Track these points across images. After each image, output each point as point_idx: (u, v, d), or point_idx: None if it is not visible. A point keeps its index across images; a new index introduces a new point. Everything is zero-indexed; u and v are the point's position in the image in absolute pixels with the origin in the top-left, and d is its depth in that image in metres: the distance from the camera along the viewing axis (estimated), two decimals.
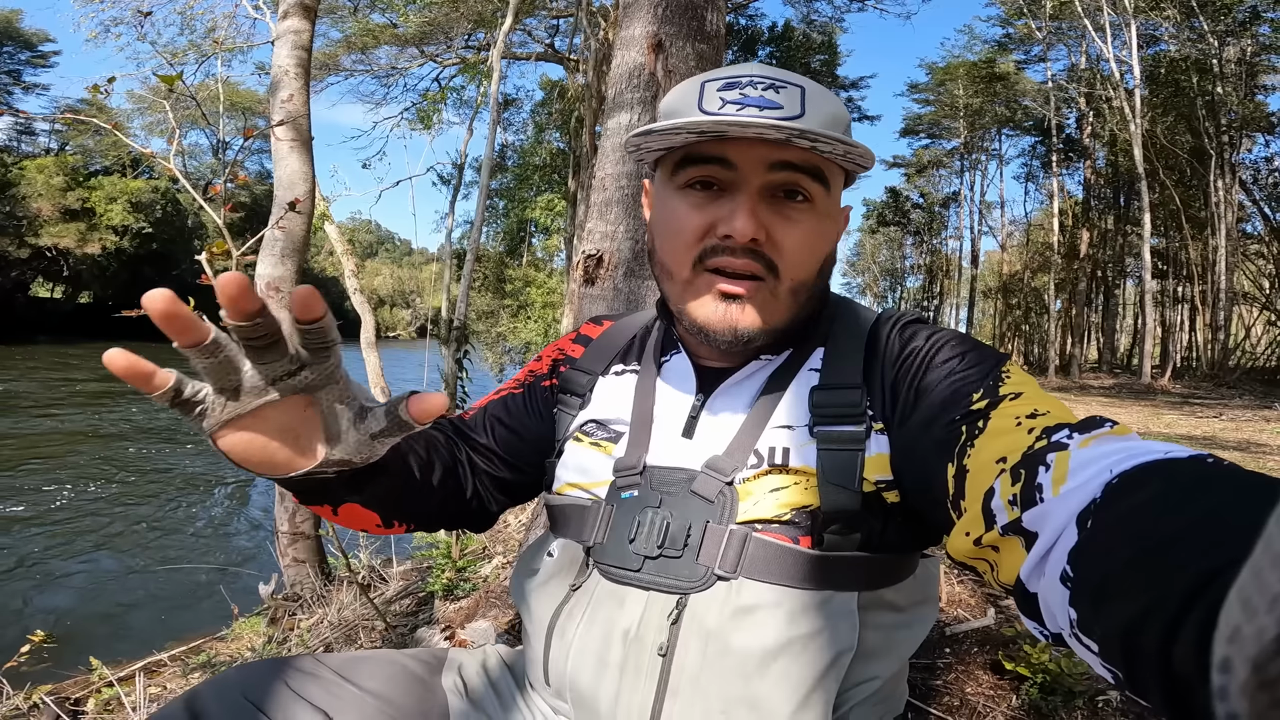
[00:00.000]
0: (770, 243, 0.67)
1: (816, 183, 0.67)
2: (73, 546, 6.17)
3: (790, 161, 0.66)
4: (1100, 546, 0.38)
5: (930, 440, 0.60)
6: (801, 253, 0.68)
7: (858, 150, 0.64)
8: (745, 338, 0.69)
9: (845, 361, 0.72)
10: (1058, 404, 0.56)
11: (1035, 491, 0.45)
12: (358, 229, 64.46)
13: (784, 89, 0.66)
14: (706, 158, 0.67)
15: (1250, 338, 16.65)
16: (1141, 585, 0.32)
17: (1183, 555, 0.31)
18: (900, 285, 40.40)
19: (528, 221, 16.03)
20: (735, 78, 0.67)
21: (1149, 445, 0.44)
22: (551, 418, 0.86)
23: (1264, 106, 17.19)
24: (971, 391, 0.60)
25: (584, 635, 0.68)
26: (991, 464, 0.51)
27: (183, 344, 0.46)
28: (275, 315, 0.48)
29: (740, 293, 0.68)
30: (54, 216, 30.16)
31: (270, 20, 4.25)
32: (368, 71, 14.99)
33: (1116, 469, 0.41)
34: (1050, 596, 0.41)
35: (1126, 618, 0.32)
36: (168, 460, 9.57)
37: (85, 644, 3.74)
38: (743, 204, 0.66)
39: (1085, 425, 0.49)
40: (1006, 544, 0.47)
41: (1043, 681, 1.42)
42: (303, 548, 3.42)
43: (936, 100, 26.39)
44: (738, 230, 0.65)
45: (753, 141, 0.65)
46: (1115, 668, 0.34)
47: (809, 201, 0.68)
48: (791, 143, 0.64)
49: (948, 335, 0.70)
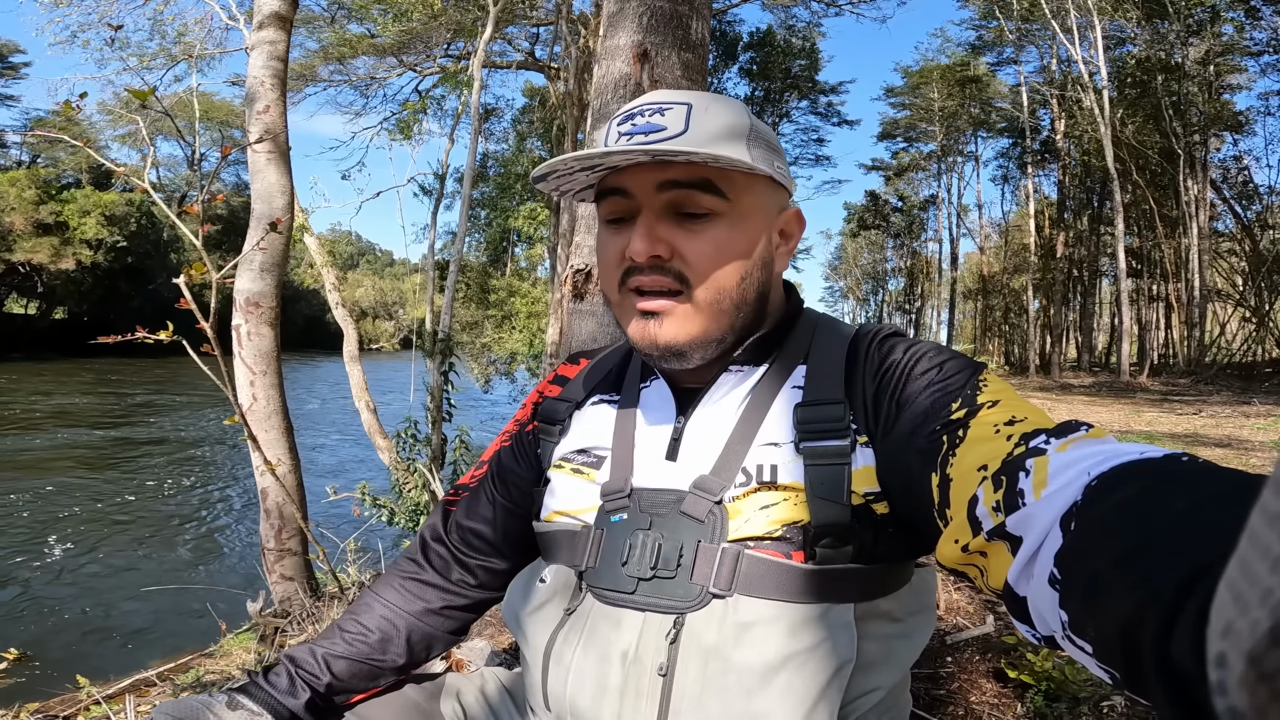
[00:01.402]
0: (677, 257, 0.70)
1: (709, 194, 0.69)
2: (55, 565, 6.06)
3: (674, 180, 0.69)
4: (1086, 548, 0.38)
5: (913, 451, 0.61)
6: (709, 263, 0.70)
7: (733, 160, 0.66)
8: (667, 350, 0.72)
9: (827, 377, 0.73)
10: (1035, 410, 0.57)
11: (1017, 497, 0.47)
12: (338, 240, 64.02)
13: (669, 110, 0.70)
14: (611, 190, 0.72)
15: (1225, 334, 16.94)
16: (1132, 584, 0.32)
17: (1171, 552, 0.32)
18: (882, 288, 40.77)
19: (510, 231, 15.97)
20: (632, 110, 0.72)
21: (1125, 447, 0.45)
22: (538, 457, 0.87)
23: (1230, 105, 17.56)
24: (950, 401, 0.61)
25: (581, 659, 0.68)
26: (973, 471, 0.53)
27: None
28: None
29: (655, 309, 0.71)
30: (27, 231, 29.60)
31: (245, 28, 4.20)
32: (346, 81, 14.87)
33: (1094, 471, 0.42)
34: (1039, 599, 0.42)
35: (1121, 617, 0.32)
36: (152, 477, 9.42)
37: (70, 663, 3.67)
38: (639, 227, 0.70)
39: (1062, 430, 0.51)
40: (993, 549, 0.49)
41: (1047, 689, 1.42)
42: (290, 565, 3.36)
43: (912, 104, 26.72)
44: (635, 251, 0.69)
45: (641, 167, 0.69)
46: (1112, 668, 0.35)
47: (709, 215, 0.70)
48: (672, 163, 0.68)
49: (926, 347, 0.71)
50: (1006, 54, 21.72)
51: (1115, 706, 1.41)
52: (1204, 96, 16.54)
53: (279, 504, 3.33)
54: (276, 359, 3.39)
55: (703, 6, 1.84)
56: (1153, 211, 17.71)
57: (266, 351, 3.33)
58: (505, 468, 0.90)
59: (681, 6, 1.79)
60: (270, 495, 3.34)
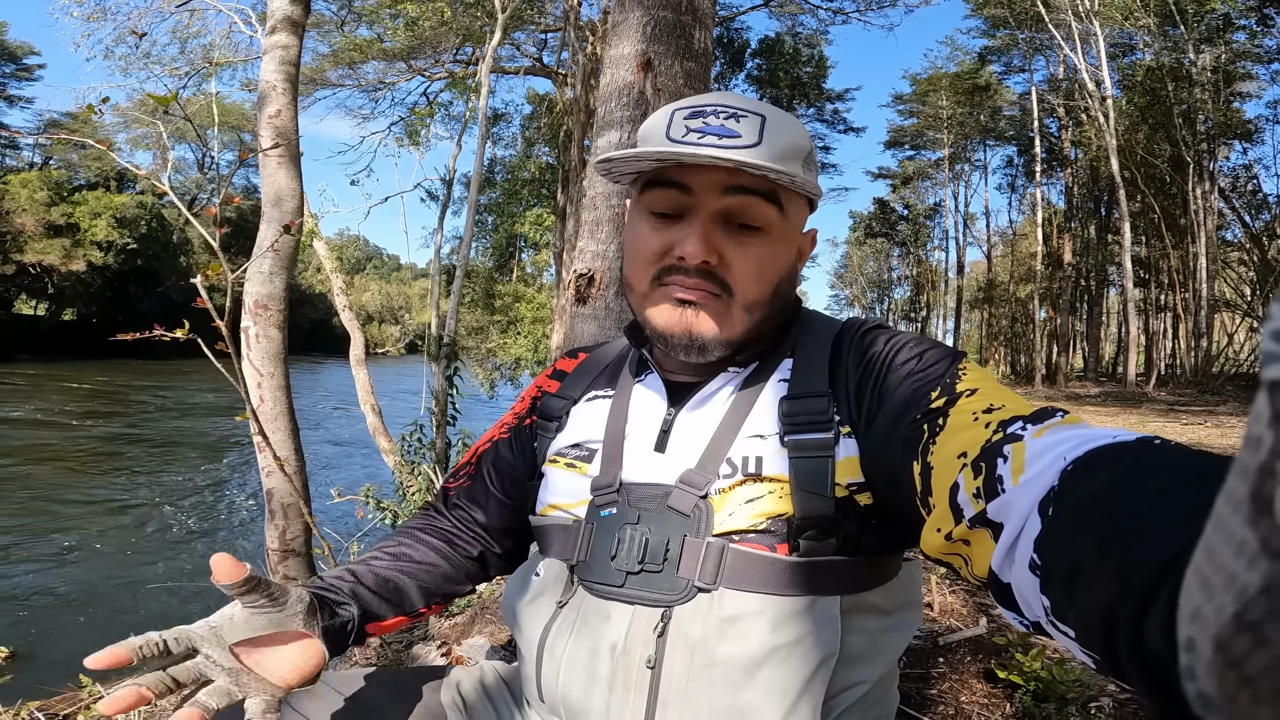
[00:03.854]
0: (723, 265, 0.71)
1: (770, 205, 0.71)
2: (57, 564, 6.08)
3: (744, 185, 0.70)
4: (1064, 533, 0.39)
5: (896, 440, 0.62)
6: (753, 276, 0.72)
7: (804, 181, 0.69)
8: (700, 343, 0.73)
9: (812, 370, 0.74)
10: (1013, 397, 0.58)
11: (996, 483, 0.47)
12: (346, 245, 64.27)
13: (744, 118, 0.70)
14: (668, 182, 0.72)
15: (1233, 344, 16.83)
16: (1109, 570, 0.33)
17: (1145, 537, 0.32)
18: (887, 297, 40.62)
19: (516, 236, 16.03)
20: (701, 107, 0.71)
21: (1098, 431, 0.46)
22: (534, 451, 0.89)
23: (1240, 113, 17.46)
24: (930, 390, 0.62)
25: (573, 651, 0.69)
26: (953, 459, 0.53)
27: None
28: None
29: (694, 299, 0.72)
30: (38, 232, 29.80)
31: (262, 35, 4.25)
32: (355, 86, 14.97)
33: (1070, 455, 0.43)
34: (1023, 585, 0.42)
35: (1099, 603, 0.33)
36: (156, 478, 9.45)
37: (72, 662, 3.68)
38: (696, 228, 0.70)
39: (1038, 416, 0.52)
40: (976, 537, 0.49)
41: (1035, 689, 1.43)
42: (294, 564, 3.38)
43: (920, 112, 26.69)
44: (690, 253, 0.70)
45: (709, 167, 0.69)
46: (1094, 652, 0.35)
47: (762, 229, 0.72)
48: (743, 170, 0.68)
49: (906, 338, 0.72)
50: (1015, 62, 21.71)
51: (1103, 707, 1.42)
52: (1213, 104, 16.46)
53: (284, 505, 3.36)
54: (284, 361, 3.42)
55: (705, 16, 1.87)
56: (1160, 220, 17.62)
57: (274, 354, 3.36)
58: (502, 459, 0.92)
59: (684, 16, 1.82)
60: (276, 496, 3.37)
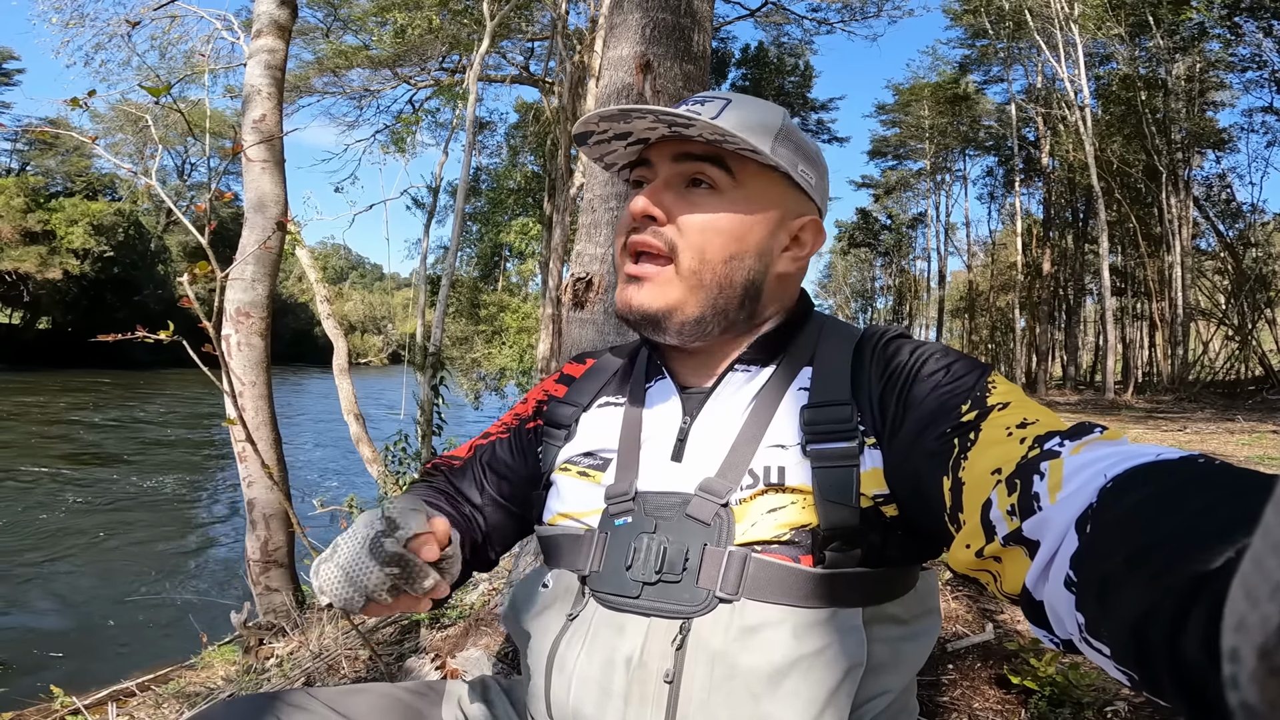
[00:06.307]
0: (671, 223, 0.74)
1: (717, 168, 0.73)
2: (33, 576, 5.94)
3: (690, 152, 0.73)
4: (1101, 549, 0.38)
5: (922, 453, 0.61)
6: (697, 231, 0.73)
7: (741, 139, 0.69)
8: (642, 314, 0.74)
9: (834, 378, 0.73)
10: (1046, 412, 0.57)
11: (1033, 500, 0.46)
12: (329, 254, 63.73)
13: (710, 102, 0.74)
14: (640, 162, 0.79)
15: (1209, 352, 17.12)
16: (1145, 582, 0.32)
17: (1184, 549, 0.31)
18: (870, 306, 41.01)
19: (502, 246, 15.98)
20: (683, 100, 0.77)
21: (1141, 448, 0.44)
22: (537, 457, 0.86)
23: (1213, 122, 17.80)
24: (960, 403, 0.61)
25: (585, 665, 0.67)
26: (986, 475, 0.52)
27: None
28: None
29: (638, 275, 0.75)
30: (14, 239, 29.27)
31: (245, 42, 4.20)
32: (340, 93, 14.88)
33: (1110, 473, 0.42)
34: (1057, 603, 0.42)
35: (1133, 615, 0.32)
36: (133, 489, 9.28)
37: (48, 674, 3.60)
38: (645, 189, 0.75)
39: (1075, 432, 0.51)
40: (1009, 554, 0.48)
41: (1050, 694, 1.42)
42: (276, 576, 3.32)
43: (902, 121, 27.00)
44: (634, 206, 0.74)
45: (666, 142, 0.75)
46: (1128, 669, 0.34)
47: (713, 188, 0.74)
48: (694, 139, 0.73)
49: (932, 348, 0.71)
50: (994, 71, 22.04)
51: (1119, 711, 1.40)
52: (1187, 113, 16.78)
53: (266, 515, 3.29)
54: (266, 370, 3.37)
55: (704, 19, 1.86)
56: (1136, 230, 17.91)
57: (256, 362, 3.31)
58: (499, 459, 0.90)
59: (683, 19, 1.81)
60: (257, 507, 3.30)
